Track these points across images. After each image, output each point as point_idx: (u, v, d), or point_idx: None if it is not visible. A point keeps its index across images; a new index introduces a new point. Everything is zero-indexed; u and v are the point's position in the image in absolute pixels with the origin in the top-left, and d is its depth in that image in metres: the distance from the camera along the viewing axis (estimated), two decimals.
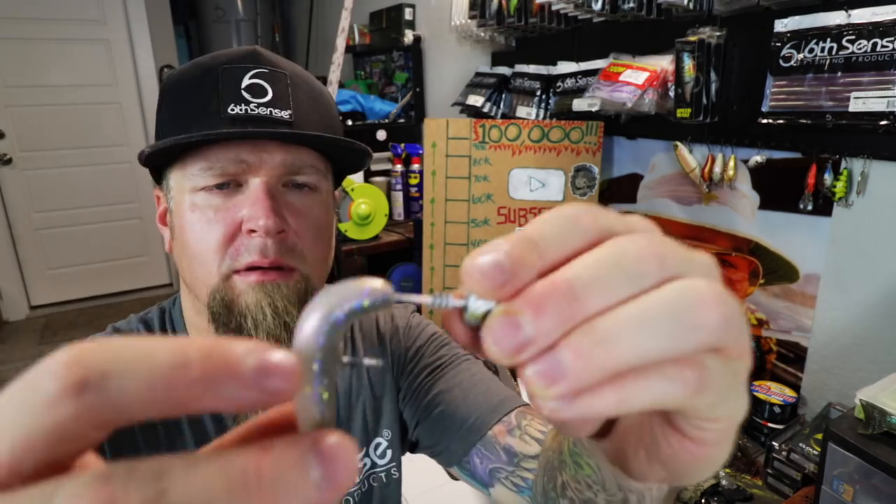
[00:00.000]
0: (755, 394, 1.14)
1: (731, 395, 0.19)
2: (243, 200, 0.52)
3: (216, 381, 0.14)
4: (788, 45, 1.05)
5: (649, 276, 0.17)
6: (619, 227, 0.19)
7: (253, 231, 0.51)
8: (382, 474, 0.66)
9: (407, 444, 0.67)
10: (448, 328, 0.19)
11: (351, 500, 0.64)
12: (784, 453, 1.00)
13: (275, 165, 0.53)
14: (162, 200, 0.60)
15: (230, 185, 0.53)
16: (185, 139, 0.50)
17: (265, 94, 0.53)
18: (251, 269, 0.52)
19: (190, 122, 0.53)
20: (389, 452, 0.66)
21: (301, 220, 0.55)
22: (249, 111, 0.53)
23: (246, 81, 0.53)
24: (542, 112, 1.66)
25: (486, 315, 0.17)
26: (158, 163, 0.57)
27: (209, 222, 0.52)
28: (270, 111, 0.53)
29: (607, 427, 0.26)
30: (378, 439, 0.65)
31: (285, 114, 0.54)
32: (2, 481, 0.13)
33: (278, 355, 0.15)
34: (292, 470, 0.14)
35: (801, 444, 1.00)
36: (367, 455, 0.65)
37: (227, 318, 0.52)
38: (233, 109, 0.52)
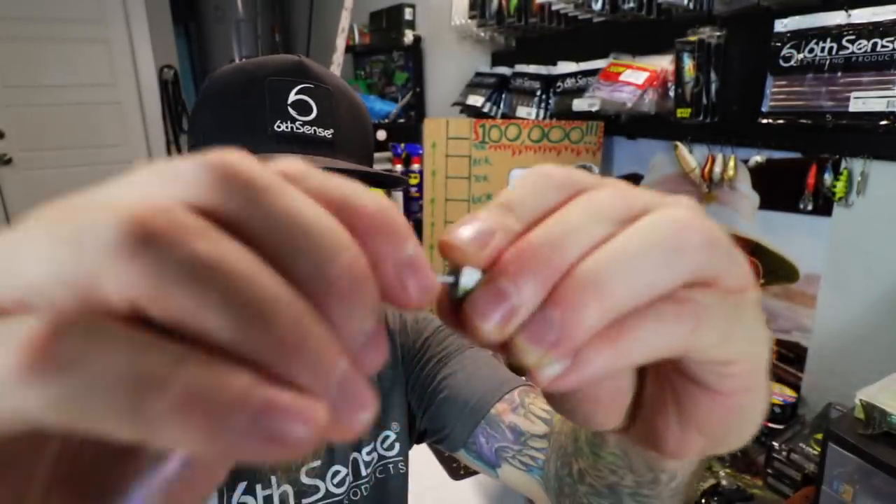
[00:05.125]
0: None
1: (738, 332, 0.18)
2: None
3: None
4: (788, 45, 1.05)
5: (623, 216, 0.17)
6: (590, 182, 0.18)
7: None
8: (390, 467, 0.67)
9: (415, 435, 0.68)
10: (439, 313, 0.18)
11: (359, 492, 0.64)
12: (784, 453, 1.00)
13: None
14: None
15: None
16: None
17: (310, 111, 0.55)
18: None
19: (235, 134, 0.55)
20: (397, 446, 0.67)
21: None
22: (294, 130, 0.54)
23: (292, 97, 0.54)
24: (542, 112, 1.66)
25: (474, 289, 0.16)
26: None
27: None
28: (314, 130, 0.55)
29: (631, 416, 0.23)
30: (387, 432, 0.66)
31: (328, 133, 0.55)
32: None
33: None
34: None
35: (801, 444, 1.00)
36: (374, 449, 0.66)
37: None
38: (278, 127, 0.54)
